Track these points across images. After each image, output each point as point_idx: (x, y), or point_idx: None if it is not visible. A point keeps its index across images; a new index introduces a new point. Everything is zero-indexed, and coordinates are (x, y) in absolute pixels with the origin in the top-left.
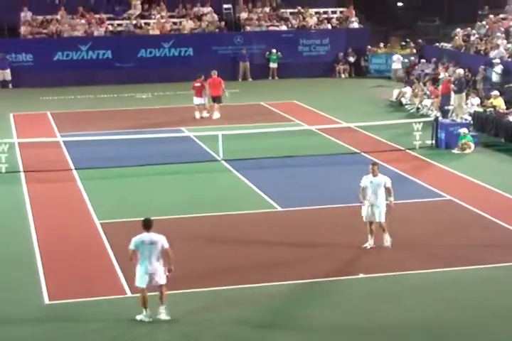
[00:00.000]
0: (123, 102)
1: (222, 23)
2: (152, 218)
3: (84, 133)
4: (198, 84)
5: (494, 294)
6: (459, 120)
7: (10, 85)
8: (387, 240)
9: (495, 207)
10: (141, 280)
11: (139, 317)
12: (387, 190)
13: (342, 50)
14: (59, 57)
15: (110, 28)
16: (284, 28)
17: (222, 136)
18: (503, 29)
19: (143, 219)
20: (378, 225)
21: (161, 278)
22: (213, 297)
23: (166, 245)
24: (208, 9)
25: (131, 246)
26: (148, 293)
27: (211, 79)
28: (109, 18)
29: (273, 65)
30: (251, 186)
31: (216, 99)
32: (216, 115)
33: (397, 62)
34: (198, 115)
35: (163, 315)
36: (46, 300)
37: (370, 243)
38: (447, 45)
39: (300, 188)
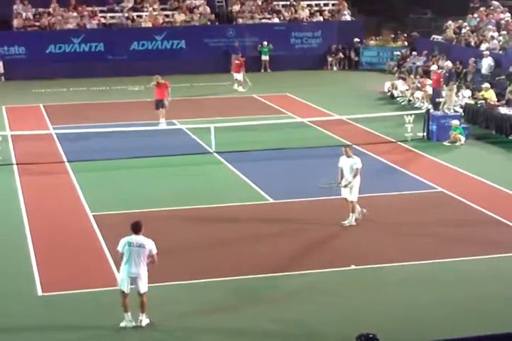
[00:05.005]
0: (115, 95)
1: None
2: (141, 221)
3: (76, 126)
4: (238, 62)
5: (482, 286)
6: (449, 112)
7: (2, 78)
8: (349, 220)
9: (486, 198)
10: (122, 283)
11: (122, 324)
12: (354, 171)
13: (334, 42)
14: (51, 49)
15: (103, 20)
16: (276, 20)
17: (214, 128)
18: (494, 21)
19: (132, 222)
20: (350, 203)
21: (143, 285)
22: (200, 289)
23: (155, 250)
24: (200, 2)
25: (119, 248)
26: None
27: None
28: (101, 11)
29: (265, 58)
30: (243, 178)
31: (160, 103)
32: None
33: None
34: (235, 87)
35: (143, 322)
36: (39, 292)
37: (349, 220)
38: (439, 38)
39: (292, 180)
